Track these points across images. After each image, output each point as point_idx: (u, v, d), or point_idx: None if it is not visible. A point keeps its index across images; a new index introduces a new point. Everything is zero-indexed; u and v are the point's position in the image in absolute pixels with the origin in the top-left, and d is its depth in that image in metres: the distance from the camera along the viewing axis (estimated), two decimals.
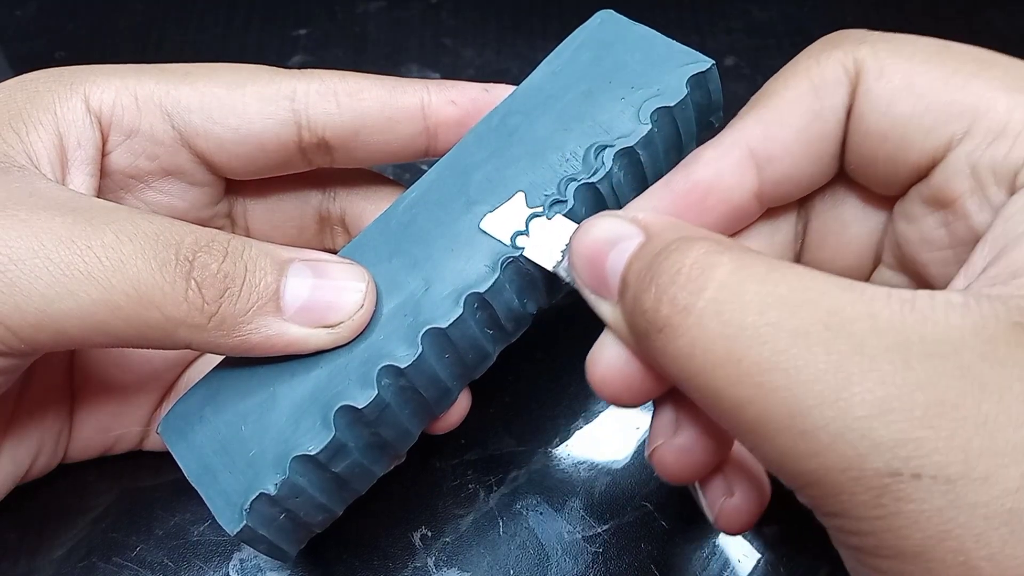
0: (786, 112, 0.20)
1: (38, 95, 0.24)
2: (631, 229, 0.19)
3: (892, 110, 0.19)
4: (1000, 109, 0.18)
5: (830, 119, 0.20)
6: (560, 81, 0.24)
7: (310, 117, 0.25)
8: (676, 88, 0.23)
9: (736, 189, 0.21)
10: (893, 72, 0.19)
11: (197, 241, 0.21)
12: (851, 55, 0.20)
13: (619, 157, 0.23)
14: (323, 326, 0.22)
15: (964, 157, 0.19)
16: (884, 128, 0.19)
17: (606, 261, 0.19)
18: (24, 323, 0.20)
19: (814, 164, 0.21)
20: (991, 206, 0.18)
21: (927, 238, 0.20)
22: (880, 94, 0.19)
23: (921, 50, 0.20)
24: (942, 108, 0.19)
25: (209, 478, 0.22)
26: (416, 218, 0.23)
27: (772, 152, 0.20)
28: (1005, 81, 0.18)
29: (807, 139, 0.20)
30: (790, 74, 0.21)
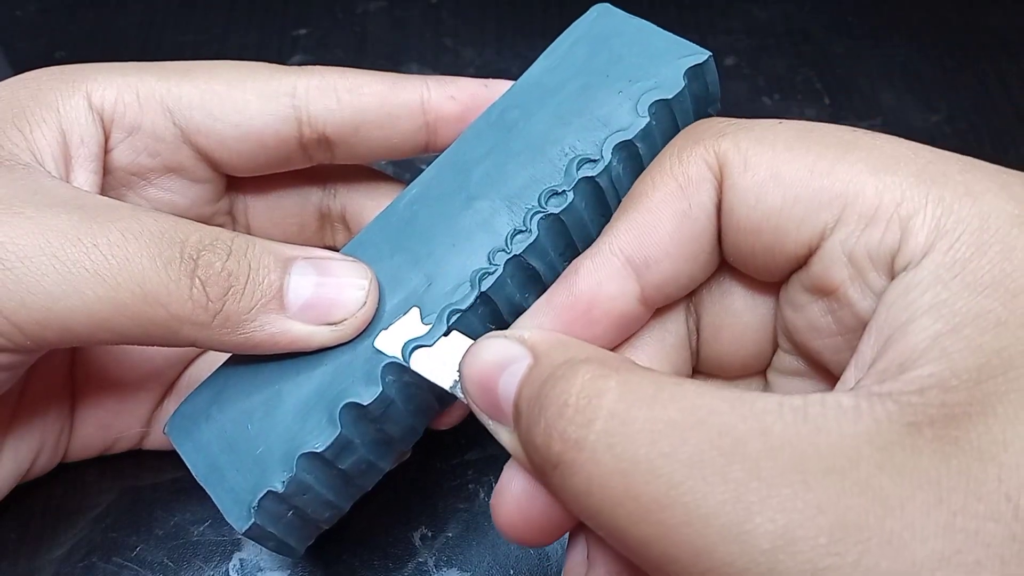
0: (656, 214, 0.20)
1: (41, 93, 0.24)
2: (519, 350, 0.18)
3: (761, 203, 0.19)
4: (868, 193, 0.17)
5: (700, 217, 0.20)
6: (558, 75, 0.24)
7: (311, 113, 0.25)
8: (673, 80, 0.23)
9: (619, 298, 0.20)
10: (757, 164, 0.19)
11: (201, 239, 0.21)
12: (712, 150, 0.19)
13: (618, 150, 0.23)
14: (326, 323, 0.22)
15: (839, 245, 0.18)
16: (756, 221, 0.19)
17: (497, 387, 0.18)
18: (30, 320, 0.20)
19: (692, 262, 0.20)
20: (873, 292, 0.18)
21: (815, 326, 0.19)
22: (747, 188, 0.19)
23: (783, 137, 0.19)
24: (811, 197, 0.18)
25: (217, 477, 0.22)
26: (417, 214, 0.23)
27: (648, 256, 0.20)
28: (870, 163, 0.18)
29: (681, 240, 0.20)
30: (656, 174, 0.20)
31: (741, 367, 0.22)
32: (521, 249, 0.22)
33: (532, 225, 0.22)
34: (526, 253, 0.22)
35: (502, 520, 0.19)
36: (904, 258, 0.17)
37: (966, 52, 0.43)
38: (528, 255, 0.22)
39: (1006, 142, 0.40)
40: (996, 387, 0.14)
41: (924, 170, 0.17)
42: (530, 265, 0.23)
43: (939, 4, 0.45)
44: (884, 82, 0.42)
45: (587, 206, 0.23)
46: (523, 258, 0.22)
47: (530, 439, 0.17)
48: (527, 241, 0.22)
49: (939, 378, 0.15)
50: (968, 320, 0.15)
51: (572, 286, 0.20)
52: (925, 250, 0.16)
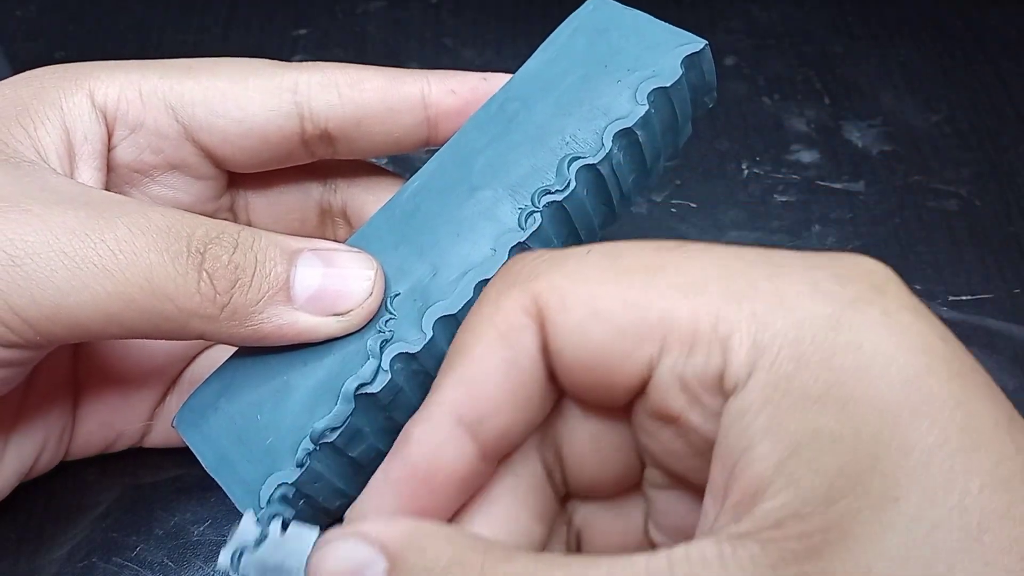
0: (481, 367, 0.19)
1: (44, 91, 0.24)
2: (370, 554, 0.17)
3: (585, 341, 0.18)
4: (684, 319, 0.17)
5: (526, 365, 0.18)
6: (556, 67, 0.25)
7: (312, 109, 0.25)
8: (671, 69, 0.24)
9: (458, 460, 0.19)
10: (574, 303, 0.18)
11: (208, 233, 0.21)
12: (528, 293, 0.18)
13: (618, 138, 0.23)
14: (333, 314, 0.22)
15: (668, 373, 0.17)
16: (584, 359, 0.18)
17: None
18: (40, 315, 0.20)
19: (527, 409, 0.19)
20: (713, 414, 0.17)
21: (670, 450, 0.19)
22: (569, 328, 0.18)
23: (593, 270, 0.18)
24: (631, 330, 0.17)
25: (227, 468, 0.22)
26: (420, 206, 0.24)
27: (481, 413, 0.18)
28: (678, 287, 0.17)
29: (511, 389, 0.19)
30: (476, 324, 0.19)
31: (615, 487, 0.21)
32: (526, 236, 0.22)
33: (536, 213, 0.23)
34: (530, 240, 0.23)
35: None
36: (731, 379, 0.16)
37: (966, 52, 0.43)
38: (532, 242, 0.23)
39: (1006, 142, 0.40)
40: (848, 507, 0.14)
41: (732, 284, 0.17)
42: None
43: (939, 4, 0.45)
44: (884, 82, 0.42)
45: (589, 194, 0.24)
46: (527, 245, 0.23)
47: None
48: (532, 228, 0.23)
49: (791, 508, 0.15)
50: (805, 441, 0.15)
51: (407, 457, 0.19)
52: (749, 370, 0.16)
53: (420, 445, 0.19)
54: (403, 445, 0.19)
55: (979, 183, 0.38)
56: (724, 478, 0.16)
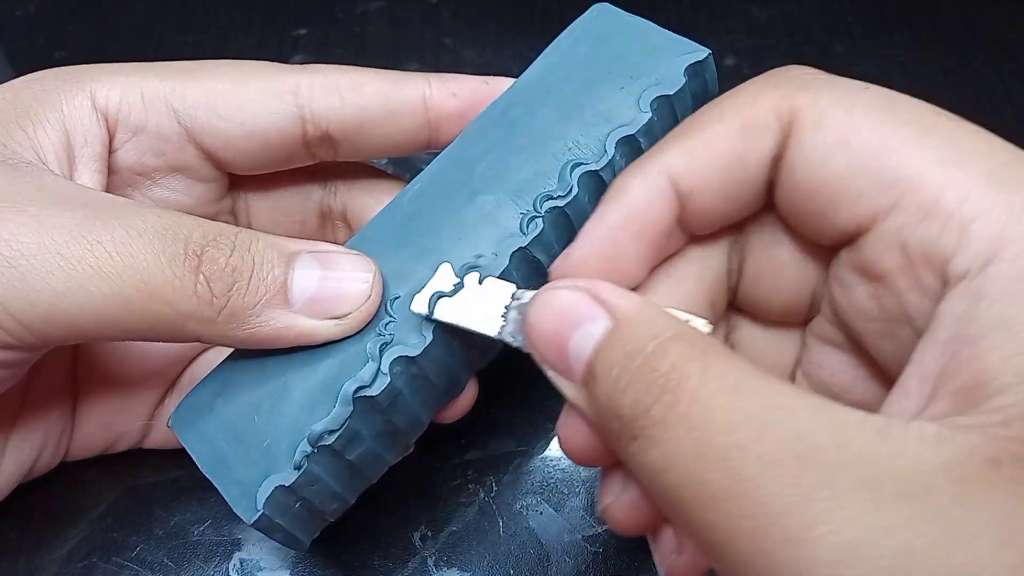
0: (711, 149, 0.19)
1: (45, 93, 0.24)
2: (597, 311, 0.18)
3: (823, 168, 0.18)
4: (932, 184, 0.17)
5: (753, 166, 0.19)
6: (559, 73, 0.25)
7: (314, 111, 0.25)
8: (674, 77, 0.24)
9: (664, 219, 0.20)
10: (830, 126, 0.18)
11: (205, 235, 0.21)
12: (788, 100, 0.19)
13: (621, 144, 0.23)
14: (331, 317, 0.22)
15: (893, 232, 0.17)
16: (814, 184, 0.18)
17: (568, 343, 0.18)
18: (36, 317, 0.20)
19: (734, 206, 0.20)
20: (922, 288, 0.17)
21: (859, 308, 0.19)
22: (813, 149, 0.18)
23: (864, 104, 0.18)
24: (874, 174, 0.17)
25: (223, 469, 0.22)
26: (421, 209, 0.24)
27: (693, 187, 0.19)
28: (941, 152, 0.17)
29: (728, 182, 0.19)
30: (724, 107, 0.20)
31: (778, 316, 0.22)
32: (528, 241, 0.22)
33: (538, 218, 0.23)
34: (532, 245, 0.23)
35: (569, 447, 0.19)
36: (962, 263, 0.16)
37: (966, 52, 0.43)
38: (534, 247, 0.23)
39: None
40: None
41: (996, 171, 0.16)
42: (535, 257, 0.23)
43: (939, 4, 0.45)
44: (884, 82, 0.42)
45: (591, 200, 0.24)
46: (529, 250, 0.23)
47: (612, 408, 0.17)
48: (533, 233, 0.22)
49: (1021, 409, 0.14)
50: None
51: (625, 204, 0.20)
52: (987, 258, 0.16)
53: (638, 196, 0.20)
54: (620, 194, 0.20)
55: None
56: (941, 362, 0.16)
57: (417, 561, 0.28)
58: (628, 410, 0.16)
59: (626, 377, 0.16)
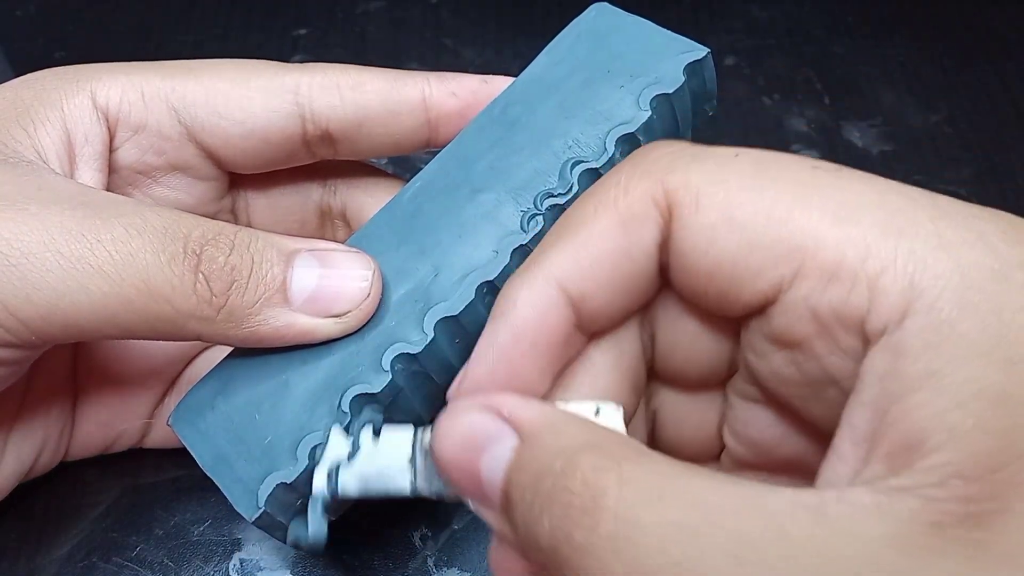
0: (593, 249, 0.18)
1: (45, 93, 0.24)
2: (502, 428, 0.16)
3: (713, 248, 0.17)
4: (830, 245, 0.16)
5: (639, 259, 0.18)
6: (559, 72, 0.25)
7: (314, 110, 0.25)
8: (674, 76, 0.24)
9: (559, 327, 0.19)
10: (708, 205, 0.17)
11: (204, 234, 0.21)
12: (661, 185, 0.18)
13: (621, 142, 0.23)
14: (331, 315, 0.22)
15: (801, 300, 0.16)
16: (708, 266, 0.17)
17: (479, 469, 0.16)
18: (35, 315, 0.20)
19: (629, 299, 0.19)
20: (843, 350, 0.16)
21: (778, 375, 0.18)
22: (698, 230, 0.17)
23: (736, 174, 0.17)
24: (767, 247, 0.16)
25: (224, 467, 0.22)
26: (422, 207, 0.24)
27: (584, 291, 0.18)
28: (830, 210, 0.16)
29: (618, 278, 0.18)
30: (598, 201, 0.19)
31: (697, 382, 0.21)
32: (528, 239, 0.22)
33: (538, 216, 0.23)
34: (533, 243, 0.23)
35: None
36: (879, 320, 0.15)
37: (966, 52, 0.43)
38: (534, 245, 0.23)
39: (1006, 142, 0.40)
40: (1012, 477, 0.14)
41: (891, 219, 0.16)
42: None
43: (939, 4, 0.45)
44: (884, 82, 0.42)
45: None
46: (530, 247, 0.23)
47: (531, 536, 0.15)
48: (534, 231, 0.23)
49: (955, 467, 0.14)
50: (970, 394, 0.14)
51: (513, 320, 0.19)
52: (903, 311, 0.15)
53: (525, 308, 0.19)
54: (508, 308, 0.19)
55: (979, 183, 0.38)
56: (872, 424, 0.15)
57: (417, 561, 0.28)
58: (547, 539, 0.15)
59: (539, 502, 0.15)
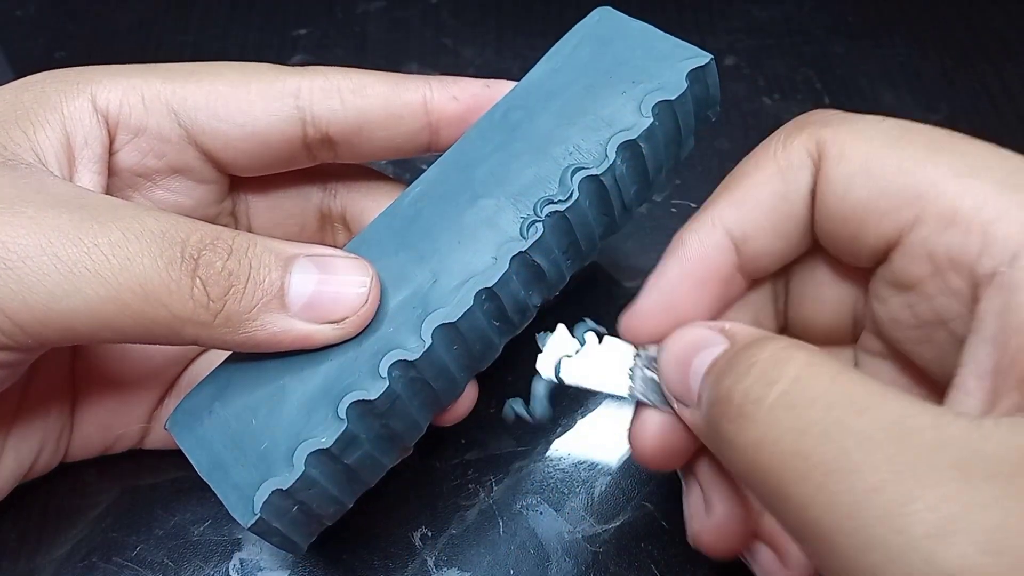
0: (755, 194, 0.21)
1: (45, 95, 0.24)
2: (717, 337, 0.20)
3: (849, 194, 0.20)
4: (950, 195, 0.18)
5: (796, 201, 0.21)
6: (561, 77, 0.25)
7: (314, 113, 0.25)
8: (676, 82, 0.24)
9: (724, 267, 0.22)
10: (851, 156, 0.20)
11: (202, 239, 0.21)
12: (814, 138, 0.20)
13: (622, 149, 0.23)
14: (328, 321, 0.22)
15: (919, 243, 0.19)
16: (843, 211, 0.20)
17: (691, 364, 0.20)
18: (31, 319, 0.20)
19: (786, 242, 0.22)
20: (951, 291, 0.19)
21: (896, 318, 0.21)
22: (838, 178, 0.20)
23: (882, 133, 0.20)
24: (895, 193, 0.19)
25: (220, 472, 0.22)
26: (421, 212, 0.24)
27: (747, 232, 0.21)
28: (955, 167, 0.18)
29: (776, 220, 0.21)
30: (760, 156, 0.21)
31: (825, 337, 0.23)
32: (528, 246, 0.22)
33: (538, 223, 0.23)
34: (532, 250, 0.23)
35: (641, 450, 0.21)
36: (988, 263, 0.17)
37: (966, 52, 0.43)
38: (534, 252, 0.23)
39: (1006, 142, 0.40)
40: None
41: (1008, 178, 0.18)
42: (535, 262, 0.23)
43: (939, 4, 0.45)
44: (884, 82, 0.42)
45: (591, 204, 0.24)
46: (529, 255, 0.23)
47: (713, 395, 0.18)
48: (533, 238, 0.22)
49: None
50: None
51: (683, 258, 0.21)
52: (1014, 253, 0.17)
53: (695, 248, 0.21)
54: (677, 247, 0.22)
55: None
56: (994, 357, 0.17)
57: (417, 562, 0.28)
58: (726, 391, 0.17)
59: (729, 368, 0.18)
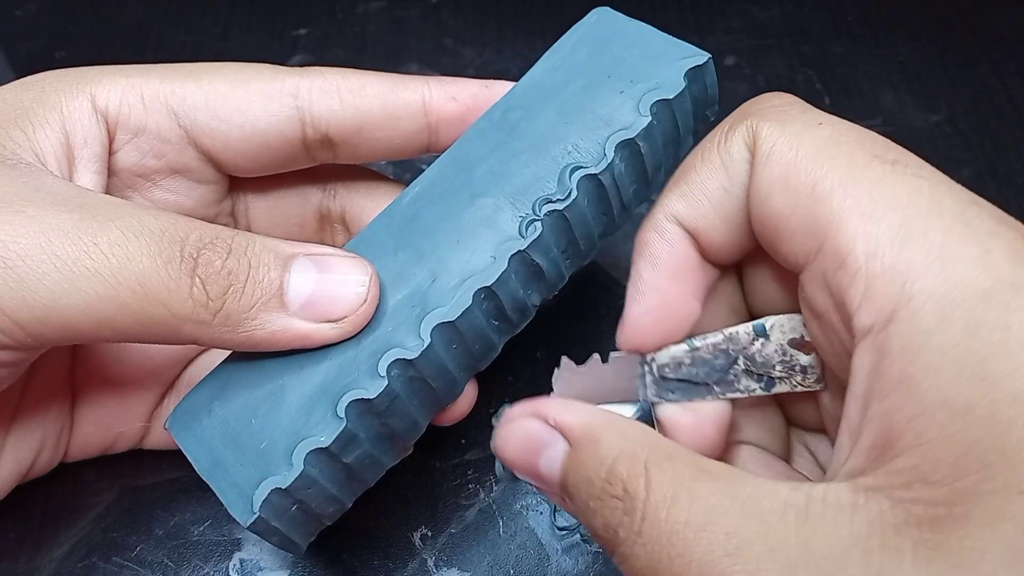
0: (701, 187, 0.21)
1: (45, 95, 0.24)
2: (551, 435, 0.19)
3: (768, 201, 0.19)
4: (847, 235, 0.17)
5: (738, 196, 0.20)
6: (559, 76, 0.25)
7: (314, 114, 0.25)
8: (674, 81, 0.24)
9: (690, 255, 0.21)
10: (776, 161, 0.19)
11: (201, 238, 0.21)
12: (751, 132, 0.20)
13: (620, 148, 0.23)
14: (327, 320, 0.22)
15: (820, 274, 0.18)
16: (762, 216, 0.19)
17: (539, 467, 0.19)
18: (31, 318, 0.20)
19: (738, 234, 0.21)
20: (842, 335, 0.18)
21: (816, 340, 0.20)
22: (761, 180, 0.19)
23: (811, 141, 0.19)
24: (804, 216, 0.18)
25: (220, 471, 0.22)
26: (420, 212, 0.24)
27: (698, 225, 0.21)
28: (861, 202, 0.17)
29: (724, 213, 0.21)
30: (706, 147, 0.21)
31: None
32: (526, 245, 0.22)
33: (536, 222, 0.23)
34: (531, 249, 0.23)
35: None
36: (866, 318, 0.17)
37: (966, 52, 0.43)
38: (532, 251, 0.23)
39: (1006, 142, 0.40)
40: (973, 487, 0.15)
41: (908, 223, 0.17)
42: (534, 261, 0.23)
43: (939, 4, 0.45)
44: (884, 82, 0.42)
45: (589, 203, 0.24)
46: (527, 254, 0.23)
47: (592, 528, 0.18)
48: (532, 237, 0.22)
49: (920, 472, 0.15)
50: (938, 403, 0.15)
51: (651, 258, 0.21)
52: (888, 316, 0.16)
53: (656, 244, 0.21)
54: (643, 249, 0.21)
55: (979, 183, 0.38)
56: (858, 418, 0.17)
57: (417, 561, 0.28)
58: (602, 531, 0.18)
59: (592, 503, 0.18)
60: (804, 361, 0.21)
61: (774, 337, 0.21)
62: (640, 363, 0.22)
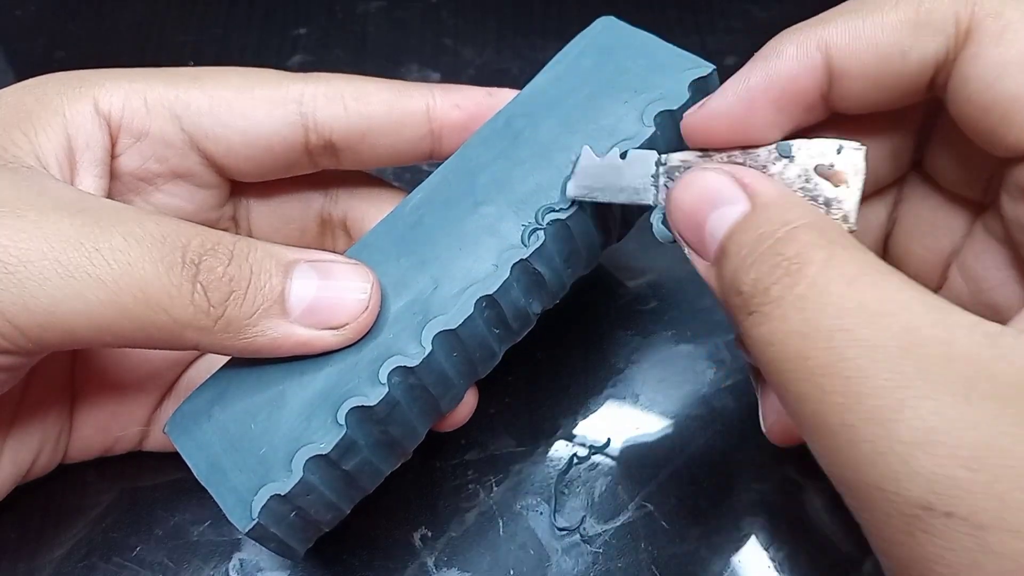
0: (876, 34, 0.18)
1: (47, 98, 0.24)
2: (737, 194, 0.19)
3: (1000, 84, 0.17)
4: None
5: (915, 64, 0.18)
6: (563, 85, 0.25)
7: (317, 120, 0.25)
8: (678, 92, 0.24)
9: (811, 91, 0.20)
10: (1013, 40, 0.17)
11: (203, 244, 0.21)
12: (971, 5, 0.18)
13: None
14: (329, 327, 0.22)
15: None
16: (986, 101, 0.18)
17: (706, 223, 0.19)
18: (32, 323, 0.20)
19: (886, 95, 0.20)
20: None
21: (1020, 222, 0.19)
22: (992, 63, 0.17)
23: None
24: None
25: (218, 476, 0.22)
26: (423, 218, 0.24)
27: (847, 68, 0.19)
28: None
29: (886, 72, 0.19)
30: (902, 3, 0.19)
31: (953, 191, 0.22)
32: (529, 253, 0.22)
33: (539, 231, 0.23)
34: (533, 258, 0.22)
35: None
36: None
37: None
38: (535, 259, 0.23)
39: None
40: None
41: None
42: (536, 270, 0.23)
43: None
44: None
45: (592, 213, 0.24)
46: (530, 262, 0.23)
47: (735, 283, 0.18)
48: (534, 245, 0.22)
49: None
50: None
51: (772, 70, 0.20)
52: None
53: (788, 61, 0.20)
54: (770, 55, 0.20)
55: None
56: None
57: (417, 562, 0.28)
58: (749, 287, 0.17)
59: (753, 257, 0.17)
60: (829, 193, 0.20)
61: (799, 159, 0.20)
62: (656, 162, 0.21)
